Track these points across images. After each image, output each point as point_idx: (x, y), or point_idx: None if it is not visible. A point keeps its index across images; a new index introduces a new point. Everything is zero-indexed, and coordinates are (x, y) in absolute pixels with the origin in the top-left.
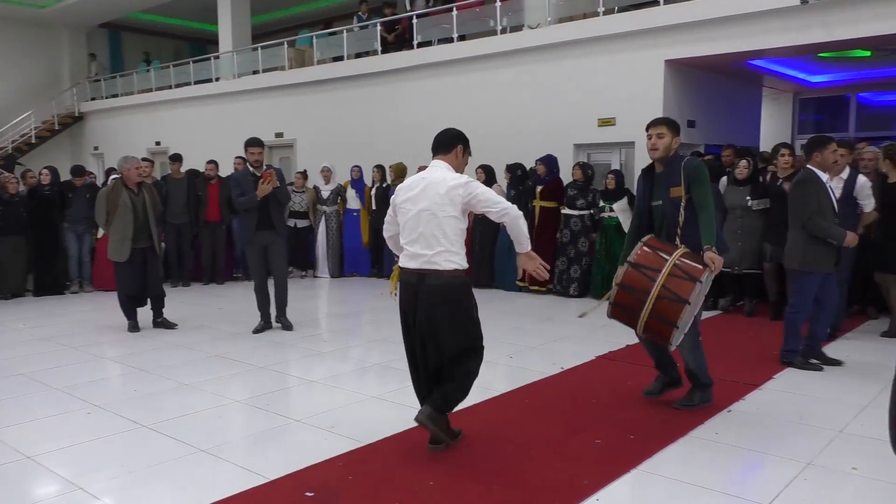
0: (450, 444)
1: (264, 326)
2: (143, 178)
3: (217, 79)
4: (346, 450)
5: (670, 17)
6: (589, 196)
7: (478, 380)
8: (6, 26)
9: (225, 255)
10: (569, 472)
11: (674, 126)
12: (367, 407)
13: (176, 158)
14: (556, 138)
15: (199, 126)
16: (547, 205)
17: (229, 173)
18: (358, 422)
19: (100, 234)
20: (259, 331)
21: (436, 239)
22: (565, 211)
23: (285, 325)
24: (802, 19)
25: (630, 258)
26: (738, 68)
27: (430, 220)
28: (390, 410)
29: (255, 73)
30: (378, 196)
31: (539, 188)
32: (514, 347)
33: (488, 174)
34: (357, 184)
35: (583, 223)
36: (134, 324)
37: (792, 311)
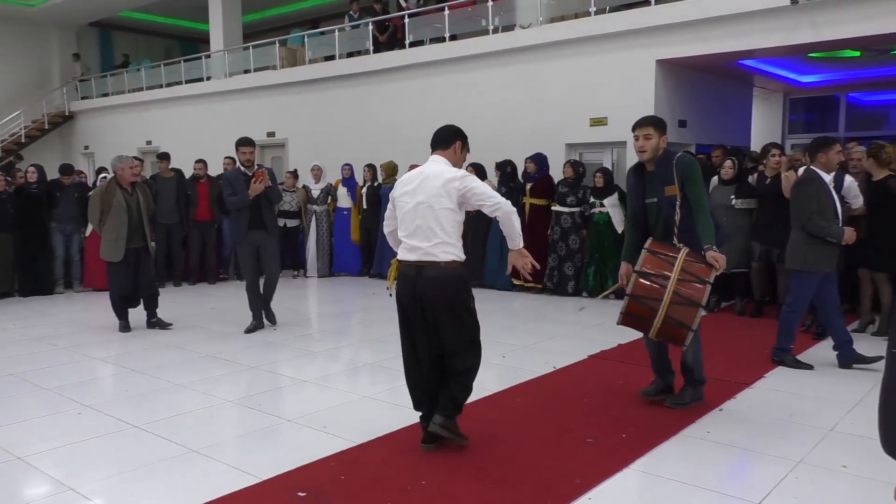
0: (464, 443)
1: (256, 326)
2: (136, 177)
3: (208, 78)
4: (339, 449)
5: (661, 18)
6: (579, 193)
7: None
8: None
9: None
10: (561, 471)
11: (660, 125)
12: (359, 406)
13: (164, 157)
14: (547, 138)
15: (191, 125)
16: (537, 202)
17: (219, 173)
18: (350, 421)
19: (87, 233)
20: (251, 331)
21: (433, 231)
22: (556, 208)
23: (269, 316)
24: (792, 20)
25: (637, 267)
26: (729, 68)
27: (428, 213)
28: (382, 410)
29: (246, 72)
30: (369, 195)
31: (529, 186)
32: (507, 347)
33: (478, 172)
34: (348, 182)
35: (573, 220)
36: (125, 324)
37: (788, 311)
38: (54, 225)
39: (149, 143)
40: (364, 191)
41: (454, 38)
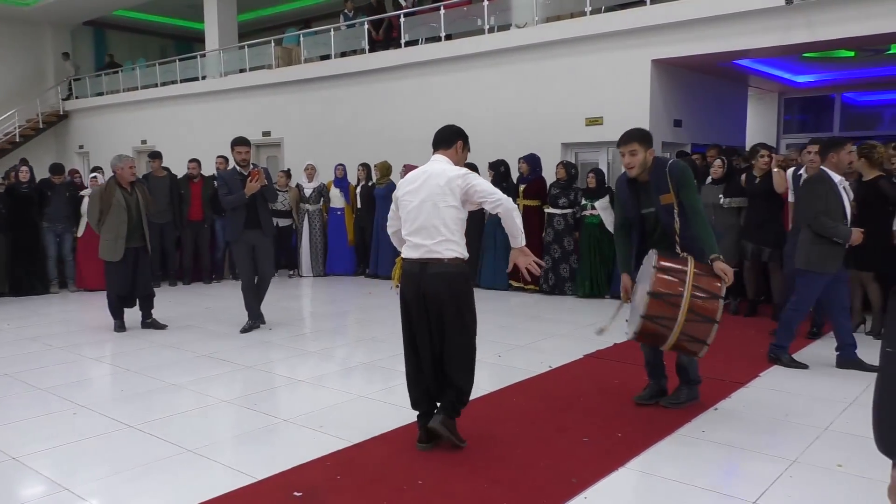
0: (460, 446)
1: (252, 326)
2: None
3: (203, 77)
4: (335, 449)
5: (657, 17)
6: (571, 194)
7: None
8: None
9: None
10: (557, 470)
11: (645, 140)
12: (354, 406)
13: (156, 156)
14: (543, 138)
15: (186, 125)
16: (530, 203)
17: (212, 173)
18: (346, 421)
19: (79, 233)
20: (247, 330)
21: (436, 229)
22: (548, 210)
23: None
24: (787, 19)
25: (649, 288)
26: (725, 68)
27: (431, 211)
28: (378, 409)
29: (241, 71)
30: (363, 195)
31: (522, 187)
32: (503, 346)
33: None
34: (340, 182)
35: (566, 222)
36: (120, 324)
37: (791, 309)
38: (46, 225)
39: (144, 142)
40: (358, 190)
41: (450, 37)
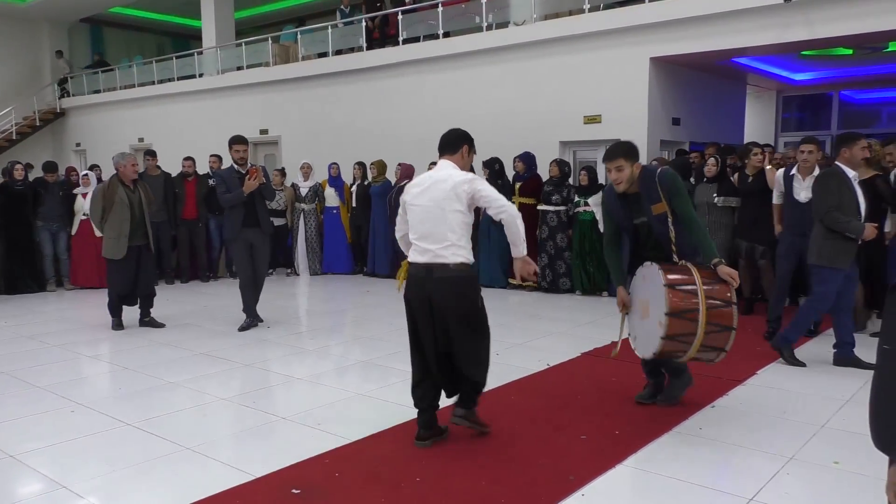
0: (486, 431)
1: (250, 324)
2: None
3: (201, 75)
4: (333, 447)
5: (655, 15)
6: (564, 192)
7: None
8: None
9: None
10: (554, 468)
11: (630, 154)
12: (353, 404)
13: (151, 154)
14: (541, 135)
15: (183, 122)
16: (526, 201)
17: (205, 171)
18: (344, 418)
19: (73, 231)
20: (245, 328)
21: (442, 234)
22: (541, 207)
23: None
24: (785, 17)
25: (666, 309)
26: (723, 66)
27: (438, 216)
28: (376, 407)
29: (239, 69)
30: (359, 193)
31: (518, 185)
32: (501, 344)
33: None
34: (335, 181)
35: (559, 219)
36: (118, 322)
37: (812, 300)
38: (40, 223)
39: (141, 140)
40: (354, 189)
41: (448, 34)
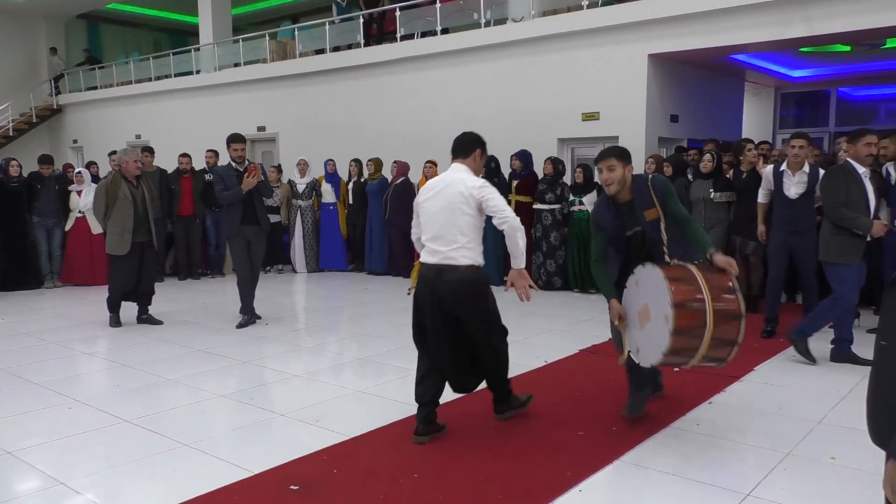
0: (527, 406)
1: (248, 321)
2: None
3: (198, 71)
4: (331, 443)
5: (654, 12)
6: (558, 190)
7: None
8: None
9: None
10: (552, 464)
11: (623, 156)
12: (350, 400)
13: (149, 151)
14: (539, 132)
15: (180, 119)
16: (523, 199)
17: (202, 167)
18: (342, 415)
19: (67, 228)
20: (243, 325)
21: (453, 236)
22: (536, 206)
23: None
24: (784, 14)
25: (671, 300)
26: (721, 63)
27: (449, 218)
28: (374, 404)
29: (236, 65)
30: (355, 190)
31: (514, 183)
32: None
33: None
34: (331, 178)
35: (553, 217)
36: (116, 318)
37: (834, 300)
38: (36, 219)
39: (138, 136)
40: (350, 186)
41: (446, 31)
